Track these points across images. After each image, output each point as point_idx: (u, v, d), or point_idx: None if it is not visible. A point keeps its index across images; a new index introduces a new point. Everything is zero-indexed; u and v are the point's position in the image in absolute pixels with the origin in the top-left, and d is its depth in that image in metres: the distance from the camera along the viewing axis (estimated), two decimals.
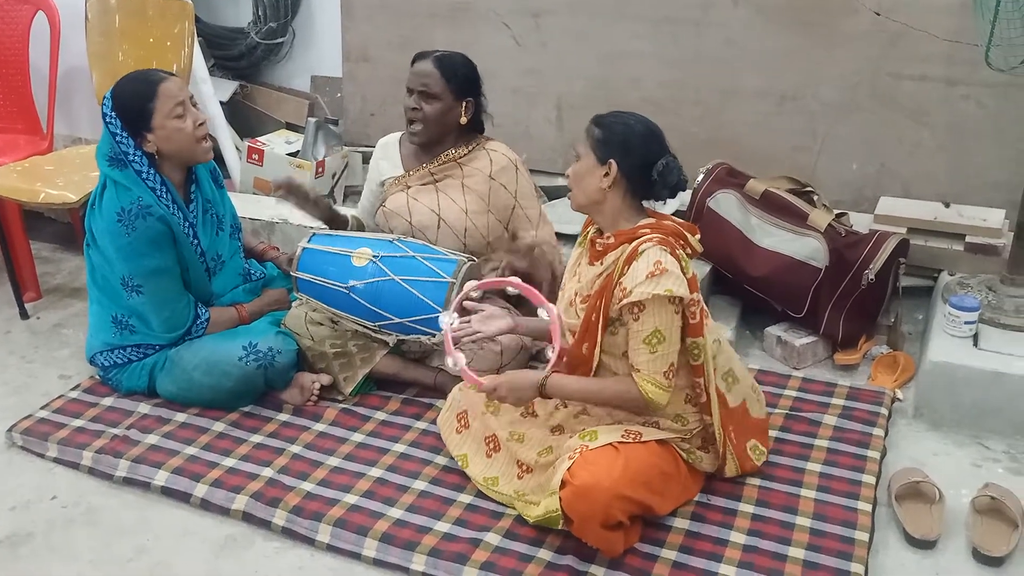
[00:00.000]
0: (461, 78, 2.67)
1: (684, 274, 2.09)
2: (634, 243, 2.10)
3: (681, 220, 2.22)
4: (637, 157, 2.12)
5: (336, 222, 2.84)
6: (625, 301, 2.07)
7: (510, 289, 2.39)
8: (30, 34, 3.64)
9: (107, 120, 2.54)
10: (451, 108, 2.68)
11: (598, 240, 2.20)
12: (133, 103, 2.52)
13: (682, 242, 2.15)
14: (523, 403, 2.27)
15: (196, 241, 2.65)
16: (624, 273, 2.09)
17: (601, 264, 2.18)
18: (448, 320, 2.31)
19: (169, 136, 2.54)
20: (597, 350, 2.15)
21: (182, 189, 2.66)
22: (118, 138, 2.53)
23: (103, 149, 2.57)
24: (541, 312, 2.34)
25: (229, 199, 2.84)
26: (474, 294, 2.37)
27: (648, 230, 2.13)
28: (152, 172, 2.56)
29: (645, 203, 2.21)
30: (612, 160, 2.12)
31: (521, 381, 2.20)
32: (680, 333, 2.12)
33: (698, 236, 2.20)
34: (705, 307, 2.20)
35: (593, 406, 2.27)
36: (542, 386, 2.19)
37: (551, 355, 2.24)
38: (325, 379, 2.71)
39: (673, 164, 2.13)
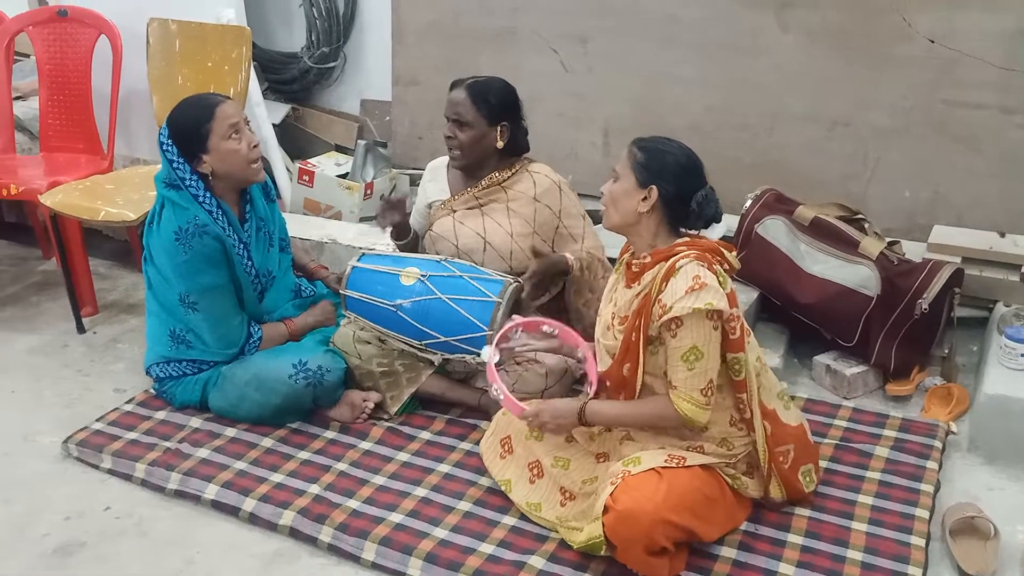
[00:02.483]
0: (493, 104, 2.69)
1: (722, 287, 2.08)
2: (671, 260, 2.10)
3: (719, 241, 2.21)
4: (678, 186, 2.12)
5: (406, 231, 2.87)
6: (665, 317, 2.06)
7: (546, 328, 2.41)
8: (92, 57, 3.74)
9: (163, 148, 2.60)
10: (485, 134, 2.70)
11: (633, 262, 2.20)
12: (190, 124, 2.57)
13: (719, 258, 2.14)
14: (564, 431, 2.27)
15: (250, 262, 2.69)
16: (662, 290, 2.09)
17: (638, 285, 2.17)
18: (490, 352, 2.31)
19: (224, 157, 2.58)
20: (640, 371, 2.14)
21: (236, 208, 2.70)
22: (175, 164, 2.59)
23: (160, 175, 2.63)
24: (577, 352, 2.36)
25: (280, 213, 2.88)
26: (513, 334, 2.40)
27: (684, 247, 2.13)
28: (208, 194, 2.60)
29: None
30: (653, 186, 2.12)
31: (561, 409, 2.21)
32: (720, 349, 2.10)
33: (735, 253, 2.19)
34: (745, 323, 2.18)
35: (637, 431, 2.25)
36: (581, 413, 2.19)
37: (588, 390, 2.26)
38: (375, 397, 2.72)
39: (711, 196, 2.14)
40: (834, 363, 2.90)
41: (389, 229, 2.85)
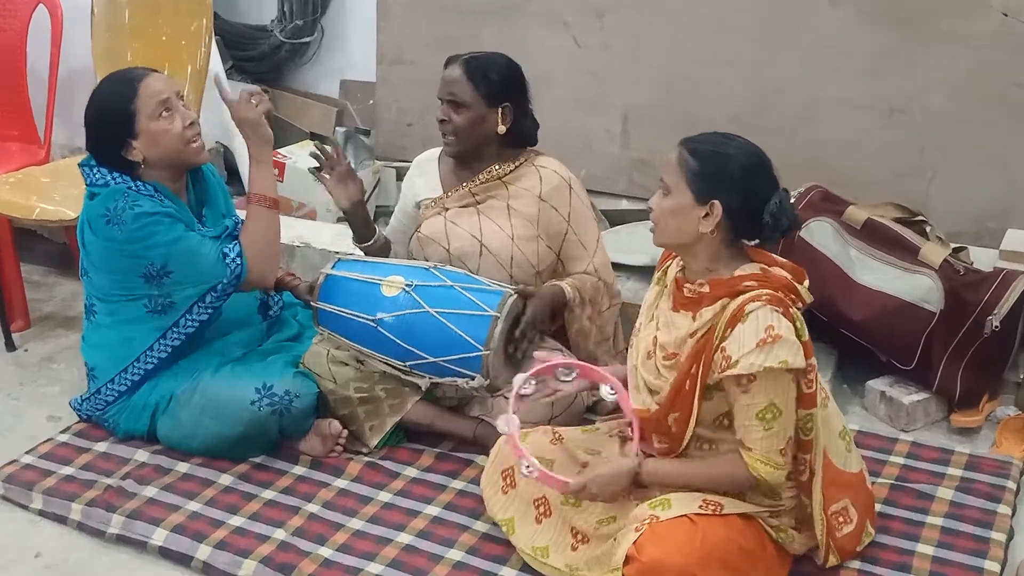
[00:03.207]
0: (493, 82, 2.69)
1: (799, 337, 2.04)
2: (739, 300, 2.05)
3: (787, 262, 2.15)
4: (745, 196, 2.06)
5: (362, 227, 2.85)
6: (730, 372, 2.02)
7: (563, 374, 2.39)
8: (28, 31, 3.74)
9: (89, 137, 2.64)
10: (483, 117, 2.70)
11: (687, 285, 2.15)
12: (110, 106, 2.59)
13: (793, 295, 2.10)
14: (616, 498, 2.23)
15: None
16: (727, 336, 2.04)
17: (693, 318, 2.12)
18: (507, 423, 2.26)
19: (155, 140, 2.60)
20: (691, 423, 2.12)
21: (182, 196, 2.72)
22: (93, 168, 2.62)
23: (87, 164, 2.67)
24: (605, 390, 2.34)
25: (233, 208, 2.88)
26: (527, 389, 2.36)
27: (754, 283, 2.07)
28: (140, 183, 2.62)
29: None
30: (715, 201, 2.06)
31: (611, 475, 2.18)
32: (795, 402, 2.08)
33: (807, 283, 2.14)
34: (819, 375, 2.16)
35: None
36: (637, 475, 2.17)
37: (631, 434, 2.25)
38: (337, 427, 2.71)
39: (787, 203, 2.08)
40: (890, 389, 2.90)
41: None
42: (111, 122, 2.59)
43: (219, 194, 2.84)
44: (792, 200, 3.07)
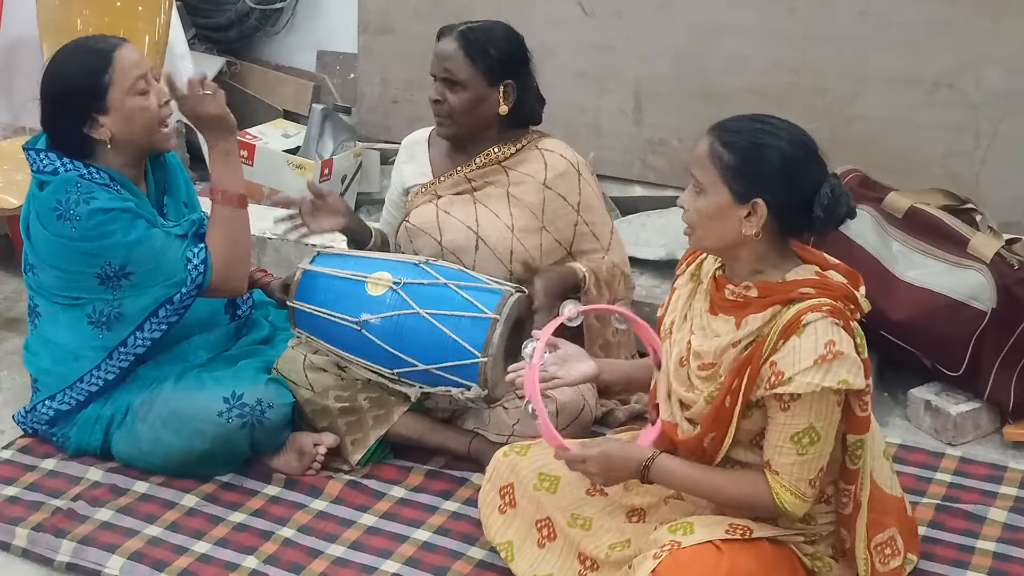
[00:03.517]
0: (495, 57, 2.70)
1: (859, 354, 2.03)
2: (794, 309, 2.02)
3: (839, 263, 2.13)
4: (792, 191, 2.03)
5: (358, 232, 2.87)
6: (781, 390, 2.01)
7: (618, 323, 2.35)
8: None
9: (47, 111, 2.63)
10: (483, 97, 2.72)
11: (729, 287, 2.13)
12: (79, 79, 2.58)
13: (852, 306, 2.08)
14: (612, 484, 2.24)
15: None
16: (778, 348, 2.02)
17: (736, 325, 2.10)
18: (572, 310, 2.25)
19: (129, 118, 2.60)
20: (727, 443, 2.11)
21: (141, 184, 2.73)
22: (55, 134, 2.62)
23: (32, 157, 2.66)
24: (650, 356, 2.31)
25: (196, 197, 2.90)
26: (575, 321, 2.31)
27: (811, 290, 2.04)
28: (94, 170, 2.61)
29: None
30: (758, 200, 2.03)
31: (619, 457, 2.17)
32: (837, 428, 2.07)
33: (863, 289, 2.13)
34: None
35: None
36: (645, 469, 2.16)
37: (651, 425, 2.25)
38: (330, 440, 2.73)
39: (839, 190, 2.04)
40: (936, 398, 2.92)
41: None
42: (77, 95, 2.58)
43: (180, 182, 2.86)
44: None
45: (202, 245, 2.66)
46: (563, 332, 2.47)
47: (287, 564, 2.43)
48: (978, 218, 3.02)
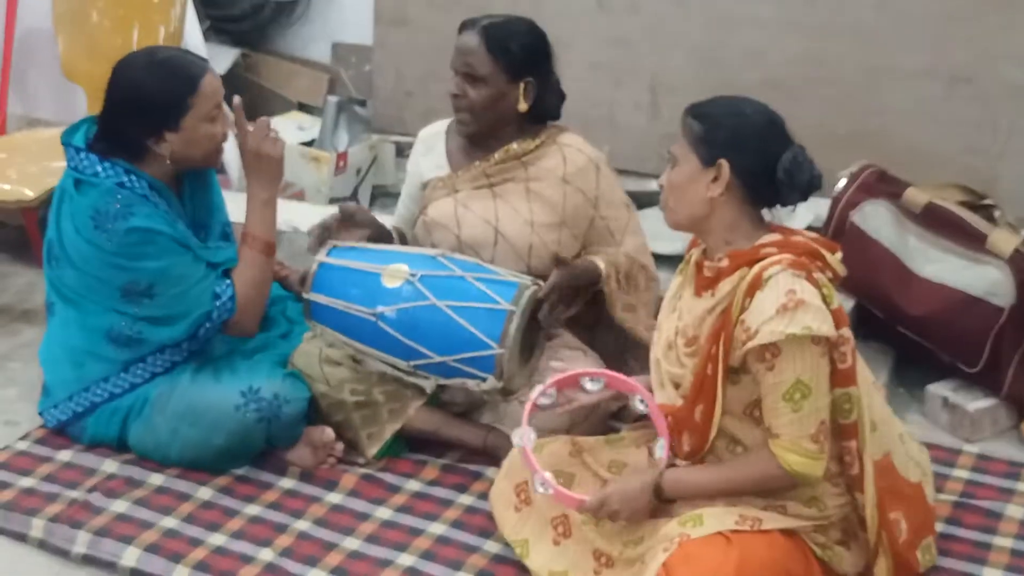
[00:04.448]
0: (516, 53, 2.71)
1: (827, 304, 2.09)
2: (756, 267, 2.11)
3: (816, 235, 2.21)
4: (755, 153, 2.14)
5: (381, 240, 2.89)
6: (751, 344, 2.07)
7: (588, 385, 2.42)
8: None
9: (115, 115, 2.61)
10: (504, 93, 2.73)
11: (706, 263, 2.21)
12: (162, 97, 2.58)
13: (819, 263, 2.15)
14: (639, 516, 2.26)
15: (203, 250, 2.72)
16: (746, 307, 2.09)
17: (712, 295, 2.18)
18: (521, 437, 2.30)
19: (196, 140, 2.63)
20: (717, 412, 2.15)
21: (175, 190, 2.74)
22: (112, 136, 2.61)
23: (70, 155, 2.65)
24: (634, 400, 2.37)
25: (224, 204, 2.90)
26: (544, 400, 2.40)
27: (774, 248, 2.13)
28: (136, 178, 2.62)
29: (765, 213, 2.22)
30: (722, 160, 2.13)
31: (632, 489, 2.22)
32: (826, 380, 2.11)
33: (839, 255, 2.20)
34: (855, 348, 2.19)
35: None
36: (658, 488, 2.20)
37: (660, 453, 2.28)
38: (331, 435, 2.74)
39: (802, 157, 2.14)
40: (953, 395, 2.92)
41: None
42: (155, 111, 2.59)
43: (213, 187, 2.86)
44: (842, 181, 3.12)
45: (229, 281, 2.70)
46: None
47: (302, 557, 2.44)
48: (996, 214, 3.02)
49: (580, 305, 2.81)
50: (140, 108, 2.60)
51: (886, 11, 3.43)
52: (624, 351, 2.85)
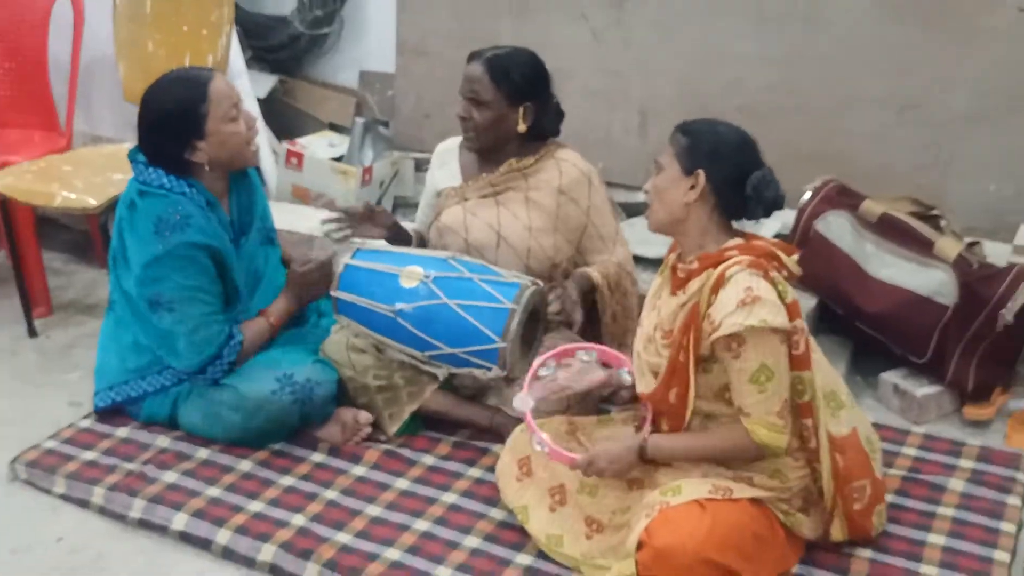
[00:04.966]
0: (516, 81, 2.72)
1: (782, 300, 2.11)
2: (720, 267, 2.13)
3: (775, 240, 2.24)
4: (729, 168, 2.16)
5: (399, 239, 2.90)
6: (716, 335, 2.09)
7: (583, 356, 2.45)
8: (50, 20, 3.78)
9: (148, 136, 2.62)
10: (504, 116, 2.73)
11: (680, 266, 2.23)
12: (179, 108, 2.58)
13: (776, 263, 2.17)
14: (623, 475, 2.30)
15: (237, 256, 2.73)
16: (711, 303, 2.12)
17: (683, 293, 2.20)
18: (524, 401, 2.34)
19: (224, 142, 2.61)
20: (691, 395, 2.17)
21: (224, 200, 2.73)
22: (149, 169, 2.62)
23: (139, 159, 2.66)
24: (622, 373, 2.41)
25: (265, 201, 2.92)
26: (544, 371, 2.44)
27: (736, 252, 2.15)
28: (193, 189, 2.63)
29: (735, 223, 2.24)
30: (700, 170, 2.16)
31: (618, 451, 2.25)
32: (786, 364, 2.13)
33: (795, 256, 2.22)
34: (811, 337, 2.21)
35: None
36: (642, 450, 2.23)
37: (645, 415, 2.31)
38: (365, 416, 2.75)
39: (770, 177, 2.17)
40: (903, 382, 2.93)
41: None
42: (178, 123, 2.58)
43: (258, 196, 2.86)
44: (807, 194, 3.13)
45: (240, 334, 2.70)
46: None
47: (331, 522, 2.45)
48: (942, 223, 3.04)
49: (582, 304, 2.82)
50: (165, 124, 2.59)
51: (847, 47, 3.42)
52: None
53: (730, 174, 2.16)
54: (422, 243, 2.95)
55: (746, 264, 2.12)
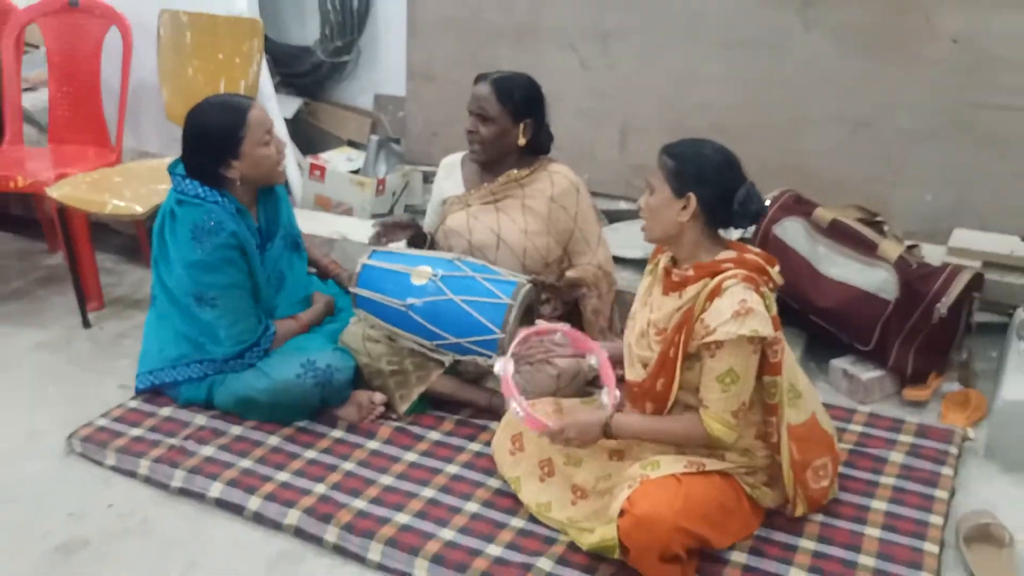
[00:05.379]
0: (518, 100, 2.73)
1: (768, 312, 2.10)
2: (717, 278, 2.10)
3: (760, 251, 2.22)
4: (717, 188, 2.12)
5: (419, 240, 2.93)
6: (708, 339, 2.08)
7: (557, 337, 2.46)
8: (102, 49, 3.82)
9: (190, 152, 2.65)
10: (507, 130, 2.75)
11: (674, 271, 2.21)
12: (221, 131, 2.61)
13: (765, 277, 2.15)
14: (589, 444, 2.28)
15: (262, 259, 2.75)
16: (706, 309, 2.10)
17: (679, 296, 2.18)
18: (503, 366, 2.31)
19: (257, 162, 2.65)
20: (675, 386, 2.17)
21: (252, 209, 2.77)
22: (194, 169, 2.65)
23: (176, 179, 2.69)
24: (590, 358, 2.40)
25: (291, 210, 2.94)
26: (525, 344, 2.44)
27: (731, 264, 2.13)
28: (226, 199, 2.66)
29: (721, 231, 2.23)
30: (691, 193, 2.13)
31: (586, 423, 2.22)
32: (756, 372, 2.13)
33: (778, 268, 2.20)
34: (787, 345, 2.20)
35: None
36: (607, 426, 2.22)
37: (606, 399, 2.31)
38: (379, 397, 2.77)
39: (753, 191, 2.14)
40: (851, 367, 2.93)
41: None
42: (219, 143, 2.61)
43: (283, 208, 2.89)
44: (767, 201, 3.15)
45: (274, 327, 2.76)
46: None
47: (348, 490, 2.47)
48: (886, 228, 3.05)
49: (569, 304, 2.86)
50: (206, 143, 2.62)
51: (807, 71, 3.43)
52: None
53: (717, 192, 2.11)
54: (434, 244, 2.99)
55: (741, 278, 2.09)
